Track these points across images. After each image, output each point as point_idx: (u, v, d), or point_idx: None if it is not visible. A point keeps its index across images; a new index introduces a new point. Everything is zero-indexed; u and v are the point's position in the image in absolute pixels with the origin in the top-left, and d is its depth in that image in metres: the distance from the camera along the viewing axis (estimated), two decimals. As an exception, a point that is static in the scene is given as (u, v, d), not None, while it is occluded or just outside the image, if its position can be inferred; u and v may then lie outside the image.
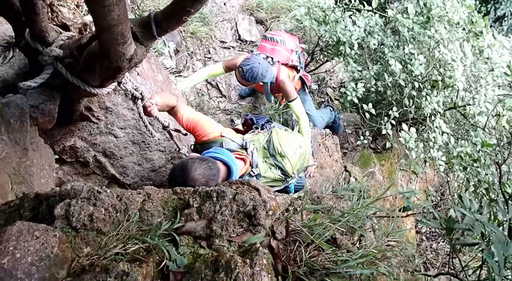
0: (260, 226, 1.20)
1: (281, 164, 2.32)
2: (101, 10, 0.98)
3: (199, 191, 1.25)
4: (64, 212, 1.10)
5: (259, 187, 1.28)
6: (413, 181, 5.46)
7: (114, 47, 1.18)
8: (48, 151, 2.17)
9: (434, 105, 3.77)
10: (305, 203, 1.40)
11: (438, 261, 5.71)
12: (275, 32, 4.33)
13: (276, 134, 2.42)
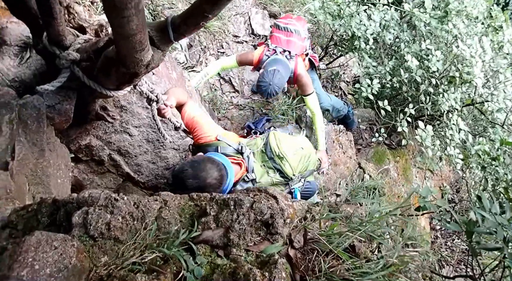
0: (277, 234, 1.18)
1: (280, 166, 2.23)
2: (120, 20, 0.97)
3: (216, 198, 1.23)
4: (82, 220, 1.10)
5: (277, 195, 1.26)
6: (428, 178, 5.39)
7: (131, 54, 1.17)
8: (64, 150, 2.18)
9: (452, 101, 3.69)
10: (322, 210, 1.37)
11: (453, 259, 5.65)
12: (287, 21, 4.18)
13: (273, 136, 2.34)
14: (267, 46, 3.90)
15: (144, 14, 1.03)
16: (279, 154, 2.23)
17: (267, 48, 3.88)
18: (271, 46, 3.89)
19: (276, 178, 2.23)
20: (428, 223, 5.81)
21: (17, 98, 1.81)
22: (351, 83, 6.63)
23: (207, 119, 2.48)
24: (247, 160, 2.23)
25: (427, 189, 3.16)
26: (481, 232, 1.98)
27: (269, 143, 2.28)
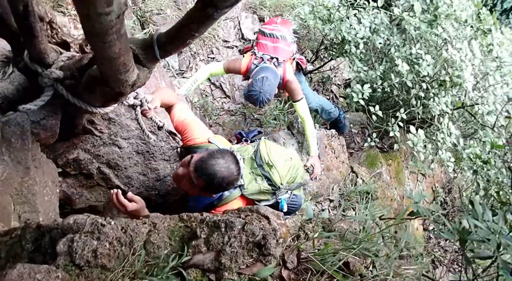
0: (270, 255, 1.16)
1: (268, 174, 2.23)
2: (101, 45, 0.93)
3: (206, 220, 1.20)
4: (67, 248, 1.06)
5: (269, 215, 1.23)
6: (420, 180, 5.40)
7: (115, 76, 1.13)
8: (50, 166, 2.13)
9: (442, 106, 3.70)
10: (315, 227, 1.35)
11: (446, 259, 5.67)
12: (272, 26, 4.12)
13: (264, 144, 2.35)
14: (254, 55, 3.85)
15: (126, 37, 0.99)
16: (269, 162, 2.24)
17: (254, 56, 3.83)
18: (258, 54, 3.83)
19: (263, 186, 2.22)
20: (420, 224, 5.82)
21: (0, 115, 1.76)
22: (343, 86, 6.64)
23: (198, 121, 2.46)
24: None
25: (419, 194, 3.15)
26: (475, 240, 1.97)
27: (259, 151, 2.29)
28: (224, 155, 1.99)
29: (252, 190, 2.21)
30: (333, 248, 1.26)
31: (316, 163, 3.87)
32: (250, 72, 3.75)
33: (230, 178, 1.97)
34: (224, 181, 1.94)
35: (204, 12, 1.00)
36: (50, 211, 2.04)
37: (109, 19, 0.84)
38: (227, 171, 1.94)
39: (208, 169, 1.90)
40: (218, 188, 2.01)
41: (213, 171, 1.89)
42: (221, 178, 1.92)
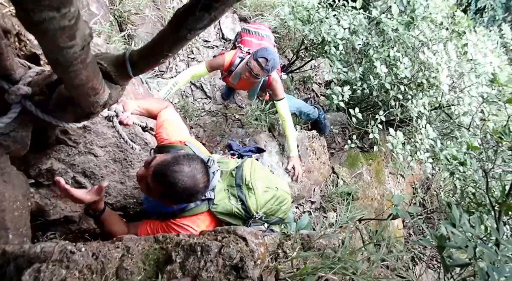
0: (248, 278, 1.13)
1: (244, 197, 1.95)
2: (66, 74, 0.89)
3: (182, 244, 1.17)
4: (33, 279, 1.01)
5: (246, 236, 1.21)
6: (400, 180, 5.47)
7: (85, 99, 1.08)
8: (21, 179, 2.05)
9: (420, 107, 3.75)
10: (294, 244, 1.33)
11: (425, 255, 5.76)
12: (257, 25, 4.17)
13: (250, 163, 2.11)
14: (240, 49, 3.84)
15: (94, 64, 0.95)
16: (249, 183, 1.98)
17: (239, 50, 3.81)
18: (244, 48, 3.83)
19: (236, 208, 1.95)
20: (401, 221, 5.90)
21: (-34, 130, 1.68)
22: (323, 84, 6.66)
23: (179, 123, 2.31)
24: (211, 176, 1.95)
25: (398, 197, 3.19)
26: (452, 247, 1.99)
27: (242, 168, 2.05)
28: (192, 162, 1.74)
29: (222, 208, 1.95)
30: (312, 266, 1.24)
31: (297, 165, 3.86)
32: (233, 66, 3.71)
33: (192, 190, 1.71)
34: (185, 192, 1.69)
35: (177, 33, 0.96)
36: (20, 227, 1.96)
37: (72, 51, 0.80)
38: (191, 181, 1.68)
39: (169, 175, 1.65)
40: (177, 198, 1.77)
41: (173, 179, 1.65)
42: (182, 189, 1.66)
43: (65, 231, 2.56)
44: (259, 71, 3.44)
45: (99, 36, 3.19)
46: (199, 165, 1.77)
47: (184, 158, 1.74)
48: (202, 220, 1.92)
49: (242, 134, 4.49)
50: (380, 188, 5.16)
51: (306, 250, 1.35)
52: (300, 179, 3.91)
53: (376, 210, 5.04)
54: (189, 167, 1.70)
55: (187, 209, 1.91)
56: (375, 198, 5.02)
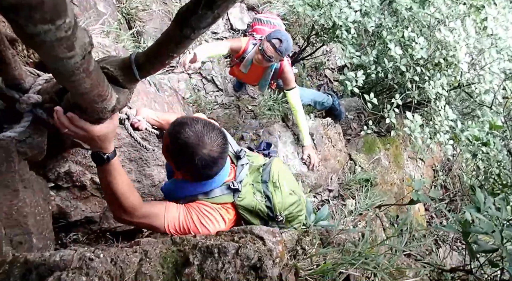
0: (267, 277, 1.12)
1: (270, 194, 1.87)
2: (70, 83, 0.87)
3: (199, 246, 1.16)
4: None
5: (263, 235, 1.19)
6: (420, 164, 5.37)
7: (92, 106, 1.07)
8: (41, 183, 2.08)
9: (438, 89, 3.64)
10: (313, 240, 1.31)
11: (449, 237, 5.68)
12: (267, 15, 4.13)
13: (278, 163, 2.04)
14: (253, 36, 3.78)
15: (98, 71, 0.93)
16: (276, 181, 1.91)
17: (252, 38, 3.76)
18: (256, 36, 3.78)
19: (260, 205, 1.85)
20: (422, 205, 5.81)
21: (-17, 139, 1.70)
22: (336, 69, 6.55)
23: None
24: (240, 168, 1.92)
25: (419, 182, 3.12)
26: (477, 233, 1.93)
27: (270, 165, 1.98)
28: (208, 126, 1.61)
29: (247, 203, 1.84)
30: (332, 262, 1.22)
31: (312, 154, 3.83)
32: (246, 53, 3.66)
33: (197, 149, 1.54)
34: (189, 149, 1.53)
35: (181, 33, 0.93)
36: (43, 230, 2.00)
37: (73, 62, 0.78)
38: (195, 139, 1.54)
39: (181, 132, 1.55)
40: (188, 161, 1.59)
41: (179, 131, 1.55)
42: (184, 142, 1.53)
43: (87, 231, 2.60)
44: (272, 52, 3.36)
45: (108, 36, 3.18)
46: (214, 132, 1.62)
47: (202, 121, 1.63)
48: (225, 213, 1.79)
49: (255, 125, 4.45)
50: (399, 173, 5.08)
51: (325, 246, 1.33)
52: (316, 168, 3.87)
53: (396, 195, 4.98)
54: (202, 128, 1.59)
55: (211, 196, 1.78)
56: (394, 183, 4.94)
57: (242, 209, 1.84)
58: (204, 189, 1.77)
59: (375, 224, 3.24)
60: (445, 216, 6.10)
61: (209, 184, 1.77)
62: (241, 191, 1.84)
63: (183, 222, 1.66)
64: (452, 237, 5.69)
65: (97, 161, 1.52)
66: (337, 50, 6.59)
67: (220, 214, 1.76)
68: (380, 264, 1.21)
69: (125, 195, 1.58)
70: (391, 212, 4.51)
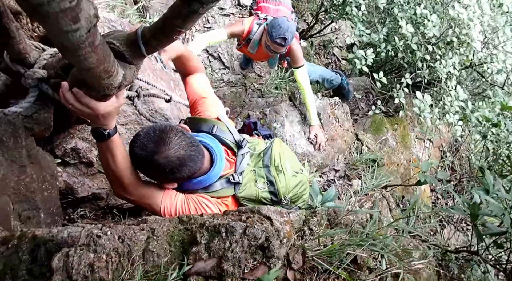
0: (274, 257, 1.11)
1: (273, 179, 1.83)
2: (75, 59, 0.85)
3: (206, 225, 1.15)
4: (63, 263, 1.02)
5: (271, 215, 1.18)
6: (428, 145, 5.33)
7: (98, 82, 1.04)
8: (48, 159, 2.08)
9: (449, 68, 3.56)
10: (321, 221, 1.30)
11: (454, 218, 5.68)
12: None
13: (278, 145, 1.99)
14: (257, 16, 3.71)
15: (104, 46, 0.90)
16: (279, 165, 1.87)
17: (257, 17, 3.69)
18: (261, 15, 3.70)
19: (263, 192, 1.81)
20: (428, 186, 5.80)
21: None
22: (345, 47, 6.44)
23: (216, 97, 2.13)
24: (240, 158, 1.87)
25: (427, 163, 3.09)
26: (486, 215, 1.92)
27: (271, 149, 1.93)
28: (164, 131, 1.53)
29: (247, 193, 1.80)
30: (340, 243, 1.22)
31: (319, 133, 3.80)
32: (252, 34, 3.61)
33: (162, 156, 1.47)
34: (156, 160, 1.47)
35: (189, 7, 0.90)
36: (51, 206, 2.01)
37: (78, 35, 0.75)
38: (159, 147, 1.47)
39: (135, 146, 1.52)
40: (154, 171, 1.56)
41: (138, 149, 1.51)
42: (148, 157, 1.48)
43: (94, 207, 2.62)
44: (280, 49, 3.39)
45: (113, 11, 3.13)
46: (172, 135, 1.53)
47: (156, 128, 1.55)
48: (224, 207, 1.74)
49: (262, 104, 4.42)
50: (406, 153, 5.05)
51: (333, 227, 1.32)
52: (323, 148, 3.85)
53: (403, 176, 4.96)
54: (155, 135, 1.51)
55: (211, 190, 1.75)
56: (401, 163, 4.92)
57: (244, 200, 1.81)
58: (199, 186, 1.74)
59: (381, 204, 3.23)
60: (451, 198, 6.10)
61: (203, 181, 1.73)
62: (241, 183, 1.80)
63: (179, 210, 1.65)
64: (457, 218, 5.70)
65: (97, 137, 1.51)
66: (346, 28, 6.46)
67: (218, 209, 1.72)
68: (388, 245, 1.20)
69: (125, 172, 1.57)
70: (397, 192, 4.50)
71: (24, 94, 1.48)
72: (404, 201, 4.70)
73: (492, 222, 2.21)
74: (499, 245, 1.98)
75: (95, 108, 1.30)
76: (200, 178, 1.71)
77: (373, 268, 1.25)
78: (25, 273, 1.14)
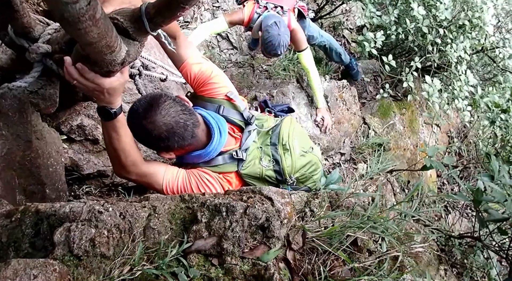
0: (274, 238, 1.12)
1: (279, 157, 1.77)
2: (76, 32, 0.83)
3: (207, 204, 1.16)
4: (65, 237, 1.04)
5: (272, 196, 1.18)
6: (435, 130, 5.28)
7: (101, 57, 1.03)
8: (53, 136, 2.09)
9: (460, 52, 3.48)
10: (322, 203, 1.30)
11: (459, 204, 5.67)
12: None
13: (288, 123, 1.90)
14: (257, 3, 3.62)
15: (106, 20, 0.88)
16: (286, 144, 1.81)
17: (257, 5, 3.60)
18: (261, 2, 3.60)
19: (267, 171, 1.77)
20: (434, 171, 5.77)
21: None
22: (355, 30, 6.33)
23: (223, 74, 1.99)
24: (246, 135, 1.81)
25: (433, 148, 3.07)
26: (489, 201, 1.91)
27: (280, 127, 1.87)
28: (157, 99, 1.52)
29: (251, 171, 1.76)
30: (341, 225, 1.22)
31: (326, 115, 3.78)
32: (252, 22, 3.56)
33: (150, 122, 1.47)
34: (147, 128, 1.47)
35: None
36: (56, 182, 2.04)
37: (78, 7, 0.73)
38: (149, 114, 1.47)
39: (129, 115, 1.54)
40: (147, 138, 1.56)
41: (131, 117, 1.52)
42: (140, 124, 1.48)
43: (99, 184, 2.65)
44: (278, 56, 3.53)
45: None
46: (163, 103, 1.51)
47: (149, 96, 1.55)
48: (225, 184, 1.73)
49: (269, 85, 4.38)
50: (413, 138, 5.01)
51: (334, 209, 1.32)
52: (329, 131, 3.83)
53: (409, 160, 4.93)
54: (147, 103, 1.50)
55: (213, 164, 1.72)
56: (407, 148, 4.89)
57: (247, 177, 1.77)
58: (200, 160, 1.72)
59: (386, 189, 3.22)
60: (457, 183, 6.07)
61: (202, 155, 1.70)
62: (245, 160, 1.76)
63: (181, 186, 1.65)
64: (462, 204, 5.69)
65: (103, 116, 1.49)
66: (356, 9, 6.33)
67: (220, 184, 1.71)
68: (389, 228, 1.20)
69: (127, 152, 1.56)
70: (402, 177, 4.49)
71: (30, 69, 1.48)
72: (410, 186, 4.69)
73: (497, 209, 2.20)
74: (502, 232, 1.98)
75: (100, 83, 1.27)
76: (199, 152, 1.68)
77: (373, 251, 1.25)
78: (28, 246, 1.16)
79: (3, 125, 1.69)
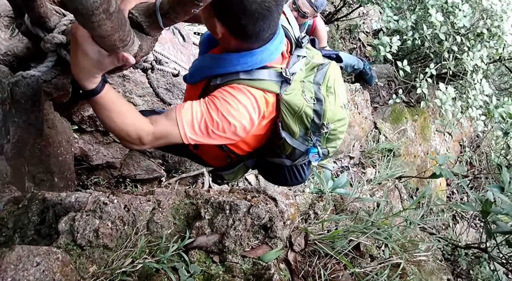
0: (276, 238, 1.12)
1: (323, 98, 1.52)
2: (90, 25, 0.84)
3: (211, 201, 1.16)
4: (69, 227, 1.05)
5: (276, 196, 1.18)
6: (447, 139, 5.21)
7: (114, 51, 1.04)
8: (65, 125, 2.11)
9: (477, 61, 3.43)
10: (327, 206, 1.29)
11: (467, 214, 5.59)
12: None
13: (335, 68, 1.66)
14: None
15: (119, 14, 0.89)
16: (332, 87, 1.58)
17: None
18: None
19: (308, 107, 1.49)
20: (444, 180, 5.70)
21: (9, 76, 1.72)
22: (371, 33, 6.28)
23: None
24: (294, 59, 1.53)
25: (444, 157, 3.04)
26: (497, 213, 1.88)
27: (328, 67, 1.62)
28: None
29: (294, 99, 1.47)
30: (344, 229, 1.21)
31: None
32: None
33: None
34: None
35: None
36: (65, 171, 2.06)
37: (92, 0, 0.74)
38: None
39: None
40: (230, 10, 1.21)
41: None
42: None
43: (108, 176, 2.67)
44: (308, 8, 3.26)
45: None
46: None
47: None
48: (263, 104, 1.43)
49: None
50: (424, 145, 4.96)
51: (338, 212, 1.31)
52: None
53: (419, 168, 4.88)
54: None
55: (255, 77, 1.42)
56: (418, 155, 4.84)
57: (285, 106, 1.48)
58: (243, 66, 1.41)
59: (393, 195, 3.20)
60: (467, 193, 5.99)
61: (251, 56, 1.40)
62: (290, 84, 1.48)
63: (204, 120, 1.34)
64: (471, 214, 5.61)
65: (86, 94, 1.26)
66: (374, 13, 6.28)
67: (256, 102, 1.41)
68: (393, 235, 1.19)
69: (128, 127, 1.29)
70: (411, 184, 4.44)
71: (44, 59, 1.49)
72: (418, 193, 4.65)
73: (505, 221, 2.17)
74: (510, 244, 1.95)
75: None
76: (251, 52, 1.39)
77: (375, 257, 1.25)
78: (33, 233, 1.17)
79: (15, 112, 1.71)
